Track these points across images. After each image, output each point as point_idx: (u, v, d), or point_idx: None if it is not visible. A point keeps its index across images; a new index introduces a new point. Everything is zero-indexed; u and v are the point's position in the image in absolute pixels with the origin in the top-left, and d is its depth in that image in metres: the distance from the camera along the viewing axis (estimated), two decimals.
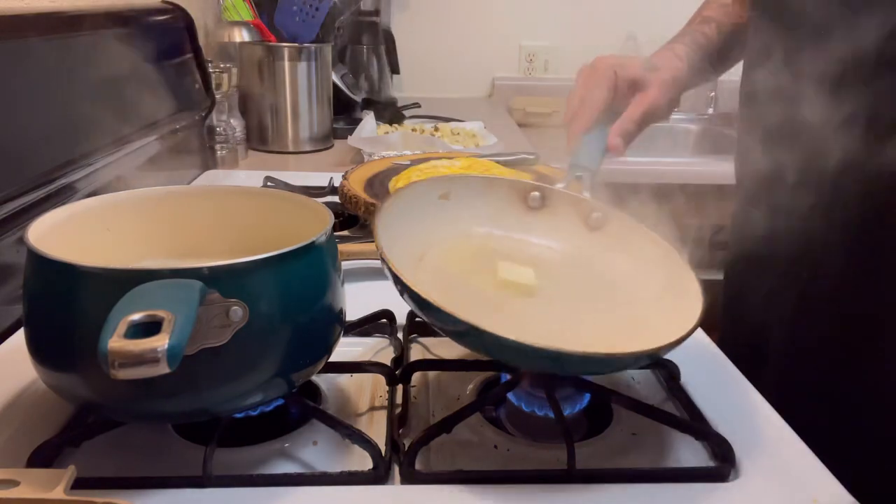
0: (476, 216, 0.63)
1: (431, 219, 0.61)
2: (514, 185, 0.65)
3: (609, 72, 0.71)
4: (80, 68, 0.83)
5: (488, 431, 0.53)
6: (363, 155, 1.26)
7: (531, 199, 0.65)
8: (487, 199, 0.64)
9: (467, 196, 0.63)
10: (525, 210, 0.65)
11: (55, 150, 0.74)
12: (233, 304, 0.42)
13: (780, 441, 0.52)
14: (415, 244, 0.58)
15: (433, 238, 0.60)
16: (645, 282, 0.58)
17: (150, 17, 1.07)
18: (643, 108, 0.70)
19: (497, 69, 2.21)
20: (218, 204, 0.60)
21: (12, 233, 0.65)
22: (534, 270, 0.59)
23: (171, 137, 1.07)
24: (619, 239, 0.62)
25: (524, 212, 0.65)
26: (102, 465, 0.47)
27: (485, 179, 0.67)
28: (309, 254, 0.48)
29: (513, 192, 0.65)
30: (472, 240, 0.62)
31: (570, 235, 0.63)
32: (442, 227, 0.61)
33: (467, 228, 0.63)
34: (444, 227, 0.61)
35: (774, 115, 0.70)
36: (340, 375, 0.59)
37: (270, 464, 0.49)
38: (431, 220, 0.61)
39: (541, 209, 0.65)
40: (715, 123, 2.11)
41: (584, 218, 0.64)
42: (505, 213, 0.64)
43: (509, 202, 0.65)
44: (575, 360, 0.45)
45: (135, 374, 0.35)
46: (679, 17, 0.88)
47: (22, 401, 0.54)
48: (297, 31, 1.41)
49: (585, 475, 0.47)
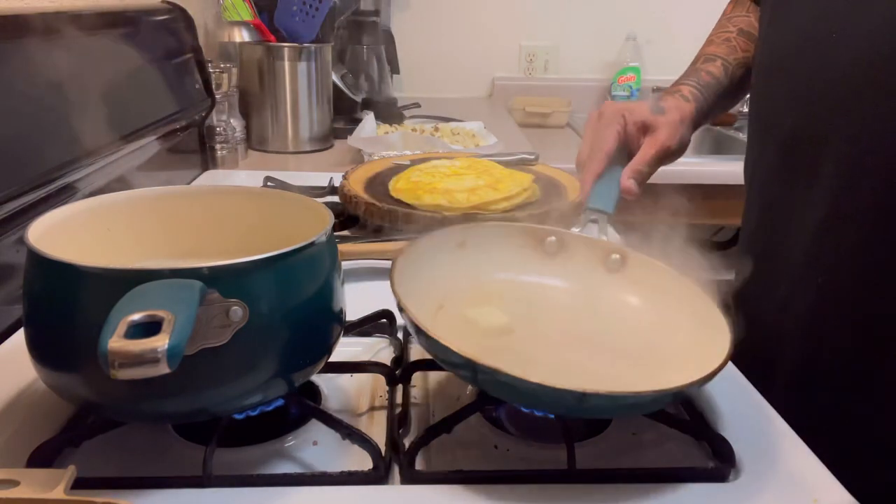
0: (494, 263, 0.64)
1: (449, 267, 0.61)
2: (530, 230, 0.66)
3: (617, 116, 0.72)
4: (80, 68, 0.83)
5: (488, 431, 0.53)
6: (363, 155, 1.26)
7: (548, 244, 0.65)
8: (504, 246, 0.65)
9: (484, 243, 0.64)
10: (543, 255, 0.65)
11: (55, 150, 0.74)
12: (233, 304, 0.42)
13: (780, 441, 0.52)
14: (434, 293, 0.59)
15: (452, 287, 0.61)
16: (669, 321, 0.58)
17: (150, 17, 1.07)
18: (654, 149, 0.72)
19: (497, 69, 2.21)
20: (218, 204, 0.60)
21: (12, 233, 0.65)
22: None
23: (171, 137, 1.07)
24: (639, 280, 0.62)
25: (542, 257, 0.65)
26: (102, 465, 0.47)
27: (500, 226, 0.67)
28: (309, 254, 0.48)
29: (529, 237, 0.65)
30: (492, 286, 0.63)
31: (589, 279, 0.64)
32: (461, 276, 0.62)
33: (486, 275, 0.63)
34: (463, 275, 0.62)
35: (787, 118, 0.69)
36: (340, 375, 0.59)
37: (270, 464, 0.49)
38: (449, 269, 0.61)
39: (558, 253, 0.65)
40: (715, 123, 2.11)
41: (603, 260, 0.64)
42: (523, 258, 0.65)
43: (526, 248, 0.65)
44: (603, 400, 0.44)
45: (135, 374, 0.35)
46: (679, 17, 0.89)
47: (22, 401, 0.54)
48: (297, 31, 1.41)
49: (585, 475, 0.48)
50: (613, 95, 2.15)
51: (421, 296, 0.55)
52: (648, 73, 2.14)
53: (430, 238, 0.61)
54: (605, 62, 2.17)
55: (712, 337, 0.51)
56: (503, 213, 0.90)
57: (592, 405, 0.45)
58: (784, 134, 0.71)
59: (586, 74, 2.20)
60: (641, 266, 0.62)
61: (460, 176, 0.97)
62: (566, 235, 0.66)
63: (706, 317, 0.54)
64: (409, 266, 0.56)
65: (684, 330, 0.56)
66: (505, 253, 0.65)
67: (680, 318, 0.57)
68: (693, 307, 0.56)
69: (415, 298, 0.51)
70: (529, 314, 0.61)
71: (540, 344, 0.57)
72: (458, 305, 0.60)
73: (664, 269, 0.62)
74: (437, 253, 0.61)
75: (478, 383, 0.49)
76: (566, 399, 0.44)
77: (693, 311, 0.56)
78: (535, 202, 0.96)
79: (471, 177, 0.96)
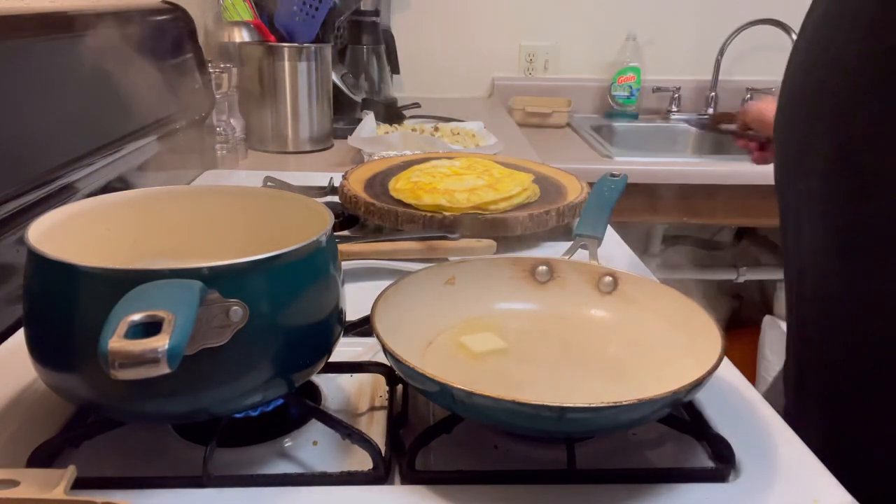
0: (485, 296, 0.64)
1: (439, 304, 0.61)
2: (518, 262, 0.66)
3: None
4: (81, 68, 0.83)
5: (488, 431, 0.53)
6: (363, 155, 1.26)
7: (539, 273, 0.65)
8: (494, 279, 0.65)
9: (474, 278, 0.64)
10: (535, 284, 0.65)
11: (55, 150, 0.74)
12: (233, 304, 0.42)
13: (780, 441, 0.52)
14: (423, 331, 0.59)
15: (443, 323, 0.61)
16: (666, 338, 0.58)
17: (150, 17, 1.07)
18: None
19: (497, 69, 2.21)
20: (218, 204, 0.60)
21: (12, 233, 0.65)
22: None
23: (171, 137, 1.07)
24: (633, 299, 0.62)
25: (534, 286, 0.65)
26: (102, 465, 0.47)
27: (487, 261, 0.68)
28: (309, 254, 0.48)
29: (518, 268, 0.66)
30: (483, 318, 0.63)
31: (583, 303, 0.64)
32: (451, 311, 0.62)
33: (478, 308, 0.63)
34: (454, 310, 0.62)
35: None
36: (340, 375, 0.59)
37: (270, 464, 0.49)
38: (440, 306, 0.61)
39: (550, 281, 0.65)
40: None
41: (596, 283, 0.64)
42: (514, 289, 0.65)
43: (517, 278, 0.65)
44: (585, 414, 0.44)
45: (135, 374, 0.35)
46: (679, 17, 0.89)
47: (22, 401, 0.54)
48: (297, 31, 1.41)
49: (585, 475, 0.48)
50: (613, 95, 2.15)
51: (409, 334, 0.56)
52: (648, 73, 2.14)
53: (416, 277, 0.62)
54: (605, 62, 2.17)
55: (708, 348, 0.51)
56: (503, 214, 0.90)
57: (575, 419, 0.45)
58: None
59: (586, 74, 2.20)
60: (634, 285, 0.63)
61: (460, 176, 0.97)
62: (557, 262, 0.66)
63: (701, 329, 0.55)
64: (393, 307, 0.56)
65: (681, 345, 0.56)
66: (496, 285, 0.65)
67: (676, 333, 0.57)
68: (688, 321, 0.57)
69: (401, 338, 0.52)
70: (524, 340, 0.61)
71: (534, 368, 0.57)
72: (451, 336, 0.60)
73: (656, 285, 0.62)
74: (425, 291, 0.61)
75: (457, 409, 0.48)
76: (545, 415, 0.44)
77: (688, 325, 0.57)
78: (535, 202, 0.96)
79: (471, 177, 0.96)
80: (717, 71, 2.13)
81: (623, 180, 0.79)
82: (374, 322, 0.53)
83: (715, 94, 2.16)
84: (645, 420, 0.50)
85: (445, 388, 0.45)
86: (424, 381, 0.47)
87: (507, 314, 0.64)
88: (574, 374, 0.56)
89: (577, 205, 0.93)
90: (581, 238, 0.70)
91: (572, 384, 0.55)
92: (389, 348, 0.49)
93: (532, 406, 0.43)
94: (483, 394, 0.44)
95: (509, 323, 0.63)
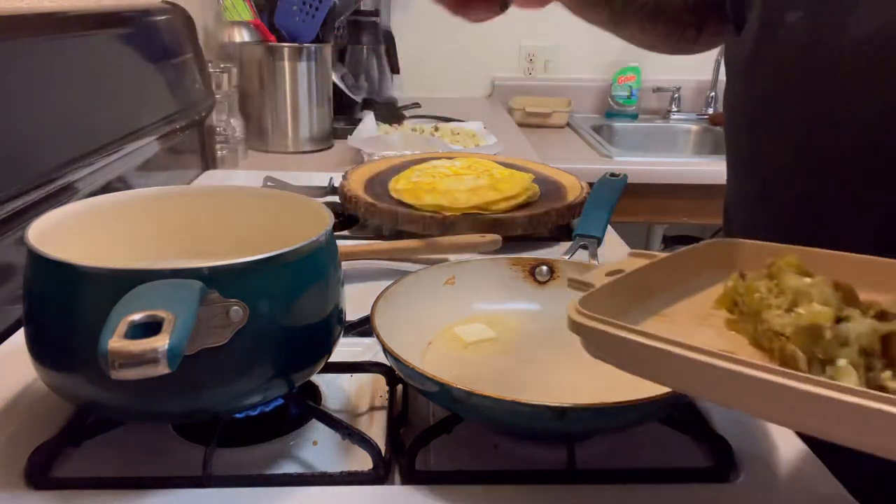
0: (485, 296, 0.64)
1: (439, 305, 0.62)
2: (518, 262, 0.66)
3: None
4: (80, 68, 0.83)
5: (488, 431, 0.53)
6: (363, 155, 1.26)
7: (539, 272, 0.66)
8: (494, 279, 0.65)
9: (474, 278, 0.64)
10: (535, 284, 0.65)
11: (55, 150, 0.74)
12: (233, 304, 0.42)
13: (780, 441, 0.52)
14: (423, 331, 0.59)
15: (443, 323, 0.61)
16: None
17: (150, 17, 1.07)
18: None
19: (497, 69, 2.22)
20: (218, 204, 0.60)
21: (12, 233, 0.65)
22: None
23: (172, 137, 1.07)
24: None
25: (534, 286, 0.65)
26: (102, 465, 0.47)
27: (487, 261, 0.68)
28: (309, 253, 0.48)
29: (518, 268, 0.66)
30: (482, 319, 0.63)
31: None
32: (451, 311, 0.62)
33: (477, 308, 0.63)
34: (454, 310, 0.62)
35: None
36: (340, 375, 0.59)
37: (270, 464, 0.49)
38: (439, 306, 0.62)
39: (550, 281, 0.65)
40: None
41: None
42: (514, 289, 0.65)
43: (517, 278, 0.66)
44: (587, 413, 0.44)
45: (135, 374, 0.35)
46: None
47: (22, 401, 0.54)
48: (297, 31, 1.41)
49: (585, 475, 0.48)
50: (613, 95, 2.15)
51: (409, 334, 0.56)
52: (648, 73, 2.14)
53: (416, 277, 0.62)
54: (605, 62, 2.17)
55: None
56: (503, 214, 0.90)
57: (575, 419, 0.45)
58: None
59: (586, 74, 2.20)
60: None
61: (460, 176, 0.97)
62: (557, 262, 0.66)
63: None
64: (393, 307, 0.56)
65: None
66: (495, 285, 0.65)
67: None
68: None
69: (401, 338, 0.52)
70: (524, 340, 0.61)
71: (534, 368, 0.57)
72: (450, 336, 0.60)
73: None
74: (424, 291, 0.61)
75: (456, 409, 0.48)
76: (545, 415, 0.44)
77: None
78: (535, 202, 0.96)
79: (471, 177, 0.96)
80: (717, 71, 2.13)
81: (623, 180, 0.79)
82: (374, 322, 0.53)
83: (715, 94, 2.16)
84: (645, 420, 0.50)
85: (445, 388, 0.45)
86: (424, 381, 0.47)
87: (507, 314, 0.64)
88: (574, 374, 0.56)
89: (577, 205, 0.93)
90: (581, 238, 0.70)
91: (572, 384, 0.55)
92: (389, 348, 0.49)
93: (532, 406, 0.43)
94: (483, 394, 0.44)
95: (509, 323, 0.63)
